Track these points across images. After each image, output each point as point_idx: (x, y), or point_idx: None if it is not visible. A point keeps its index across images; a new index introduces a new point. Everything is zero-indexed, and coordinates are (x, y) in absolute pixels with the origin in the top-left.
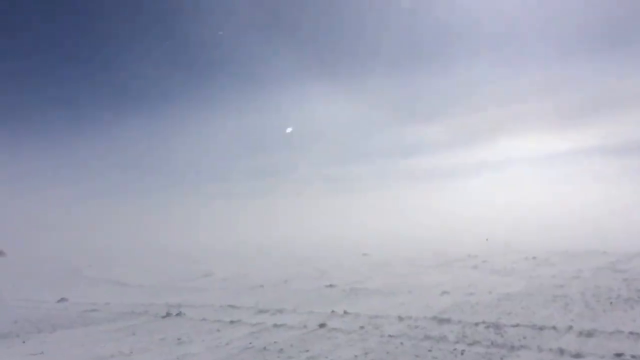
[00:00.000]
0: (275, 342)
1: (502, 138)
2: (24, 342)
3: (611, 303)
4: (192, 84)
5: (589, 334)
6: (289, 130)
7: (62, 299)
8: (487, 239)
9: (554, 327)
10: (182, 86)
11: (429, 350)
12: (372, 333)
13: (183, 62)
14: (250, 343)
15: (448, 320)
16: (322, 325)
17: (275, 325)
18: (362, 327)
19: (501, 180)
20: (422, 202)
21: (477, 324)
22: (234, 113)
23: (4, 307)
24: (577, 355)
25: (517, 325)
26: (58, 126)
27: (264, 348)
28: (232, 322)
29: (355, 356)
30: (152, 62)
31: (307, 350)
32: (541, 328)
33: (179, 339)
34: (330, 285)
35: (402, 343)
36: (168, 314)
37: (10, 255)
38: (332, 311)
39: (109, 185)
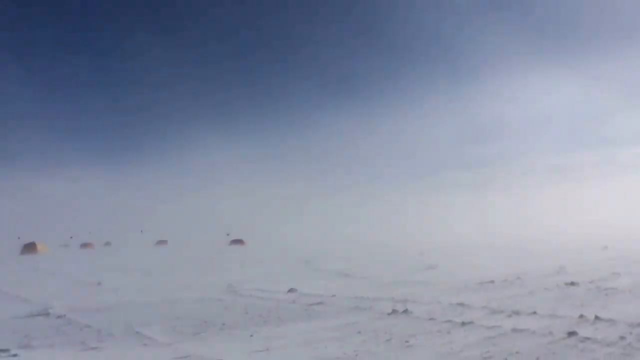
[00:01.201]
0: (517, 352)
1: None
2: (251, 335)
3: None
4: (401, 71)
5: None
6: None
7: (292, 290)
8: None
9: None
10: (391, 75)
11: None
12: (639, 347)
13: (387, 49)
14: (488, 351)
15: None
16: (571, 334)
17: (514, 330)
18: (622, 338)
19: None
20: None
21: None
22: (448, 100)
23: (239, 296)
24: None
25: None
26: (287, 121)
27: (505, 359)
28: (463, 323)
29: None
30: (358, 52)
31: None
32: None
33: (406, 342)
34: (572, 283)
35: None
36: (394, 311)
37: (249, 244)
38: (581, 315)
39: (335, 177)
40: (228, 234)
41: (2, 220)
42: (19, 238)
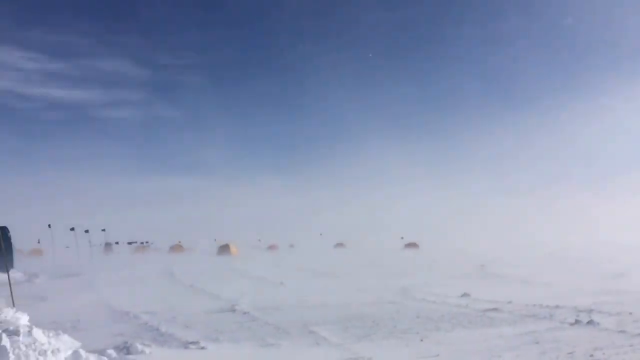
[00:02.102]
0: None
1: None
2: (421, 340)
3: None
4: (588, 61)
5: None
6: None
7: (465, 294)
8: None
9: None
10: (576, 67)
11: None
12: None
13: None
14: None
15: None
16: None
17: None
18: None
19: None
20: None
21: None
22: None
23: (411, 299)
24: None
25: None
26: (460, 121)
27: None
28: None
29: None
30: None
31: None
32: None
33: (591, 356)
34: None
35: None
36: (577, 321)
37: (423, 247)
38: None
39: (514, 179)
40: (402, 237)
41: (203, 224)
42: (215, 240)
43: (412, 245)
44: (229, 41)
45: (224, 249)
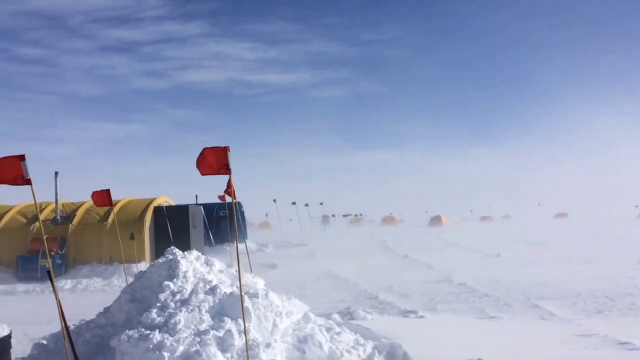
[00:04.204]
0: None
1: None
2: None
3: None
4: None
5: None
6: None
7: None
8: None
9: None
10: None
11: None
12: None
13: None
14: None
15: None
16: None
17: None
18: None
19: None
20: None
21: None
22: None
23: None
24: None
25: None
26: None
27: None
28: None
29: None
30: None
31: None
32: None
33: None
34: None
35: None
36: None
37: None
38: None
39: None
40: (637, 206)
41: (413, 196)
42: (426, 212)
43: None
44: (427, 12)
45: (436, 220)
